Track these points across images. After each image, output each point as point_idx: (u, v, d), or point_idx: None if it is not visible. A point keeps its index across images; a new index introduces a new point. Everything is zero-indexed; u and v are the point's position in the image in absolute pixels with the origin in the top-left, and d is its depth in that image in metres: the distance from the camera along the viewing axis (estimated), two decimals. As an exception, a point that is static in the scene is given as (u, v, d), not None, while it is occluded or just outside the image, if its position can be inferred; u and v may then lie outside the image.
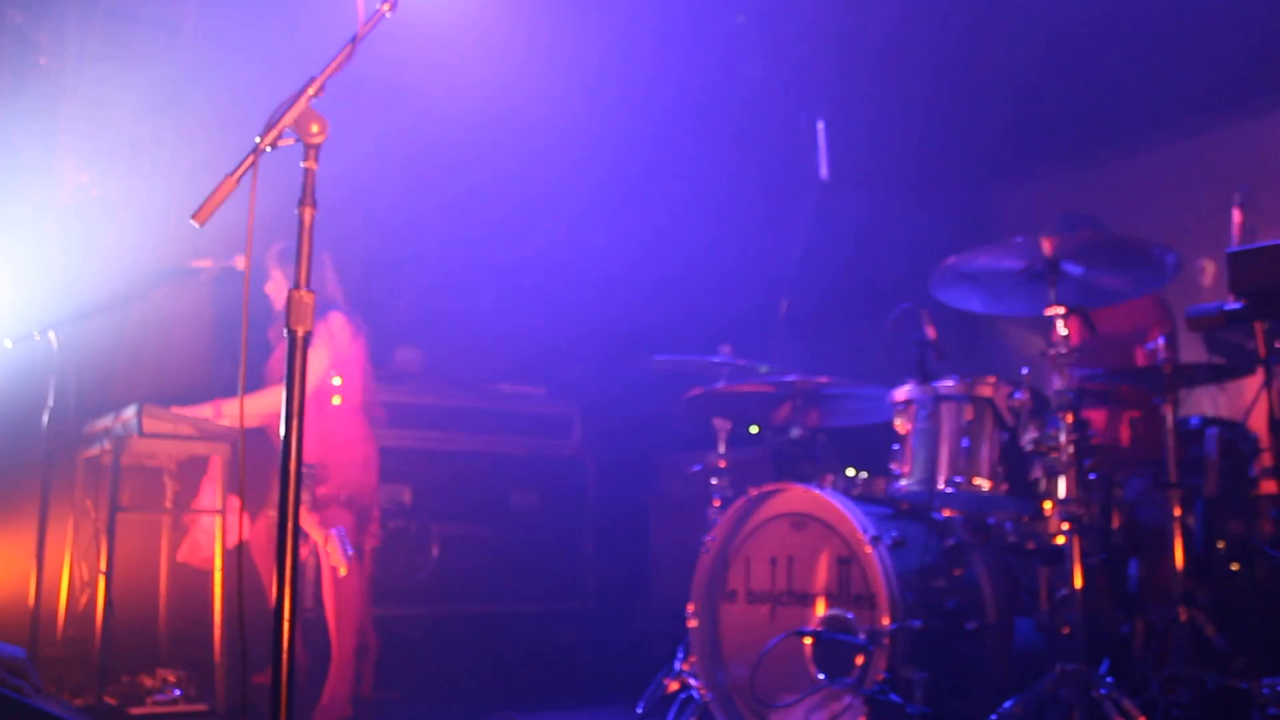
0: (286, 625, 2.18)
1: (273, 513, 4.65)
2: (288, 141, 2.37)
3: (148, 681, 4.39)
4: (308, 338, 2.31)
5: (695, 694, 4.03)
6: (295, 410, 2.26)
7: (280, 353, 4.88)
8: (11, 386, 4.99)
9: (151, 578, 4.87)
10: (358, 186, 5.91)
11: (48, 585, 4.46)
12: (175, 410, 4.39)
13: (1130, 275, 3.62)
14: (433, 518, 5.91)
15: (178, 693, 4.30)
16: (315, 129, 2.37)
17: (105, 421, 4.51)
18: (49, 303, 4.61)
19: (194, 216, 2.26)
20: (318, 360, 4.67)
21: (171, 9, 5.44)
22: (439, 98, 5.57)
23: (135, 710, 4.20)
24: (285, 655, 2.16)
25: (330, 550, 4.53)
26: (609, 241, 6.02)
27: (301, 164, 2.38)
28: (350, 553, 4.54)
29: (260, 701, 4.29)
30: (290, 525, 2.21)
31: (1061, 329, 3.49)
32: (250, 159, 2.31)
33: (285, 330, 2.28)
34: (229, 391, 4.70)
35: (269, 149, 2.34)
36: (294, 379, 2.27)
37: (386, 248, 5.90)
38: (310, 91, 2.38)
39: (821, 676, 3.63)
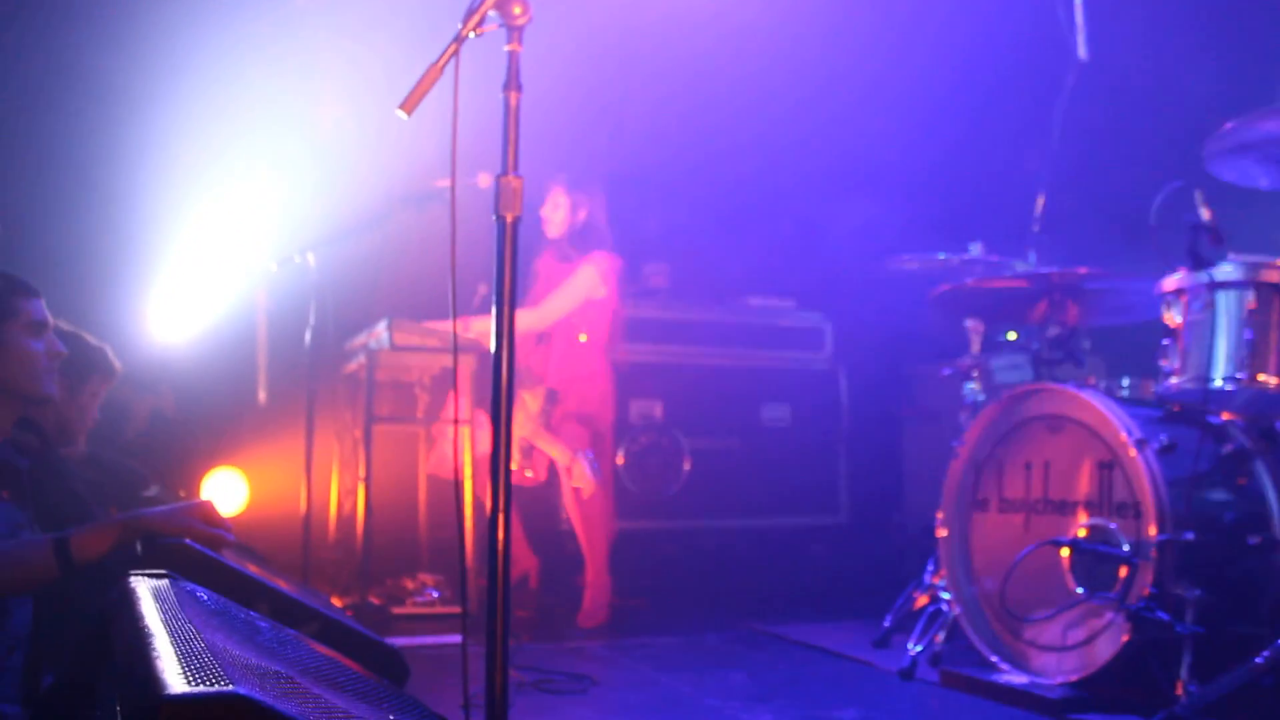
0: (501, 531, 2.16)
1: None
2: (491, 27, 2.32)
3: (409, 584, 4.59)
4: (517, 222, 2.27)
5: (944, 607, 3.84)
6: (506, 296, 2.23)
7: (543, 271, 4.96)
8: (280, 307, 5.30)
9: (412, 487, 5.09)
10: (602, 103, 5.91)
11: (318, 495, 4.70)
12: (425, 324, 4.53)
13: None
14: (684, 432, 5.88)
15: (435, 595, 4.48)
16: (518, 10, 2.30)
17: (361, 338, 4.70)
18: (309, 226, 4.82)
19: (400, 106, 2.25)
20: (571, 294, 4.76)
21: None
22: (680, 9, 5.46)
23: (397, 610, 4.41)
24: (500, 559, 2.14)
25: (576, 472, 4.60)
26: (856, 145, 5.76)
27: (505, 48, 2.32)
28: (598, 475, 4.60)
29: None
30: (505, 411, 2.19)
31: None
32: (453, 47, 2.27)
33: (498, 218, 2.25)
34: (480, 308, 4.83)
35: (472, 35, 2.29)
36: (504, 262, 2.24)
37: (632, 164, 5.86)
38: (511, -27, 2.31)
39: (1080, 590, 3.37)
